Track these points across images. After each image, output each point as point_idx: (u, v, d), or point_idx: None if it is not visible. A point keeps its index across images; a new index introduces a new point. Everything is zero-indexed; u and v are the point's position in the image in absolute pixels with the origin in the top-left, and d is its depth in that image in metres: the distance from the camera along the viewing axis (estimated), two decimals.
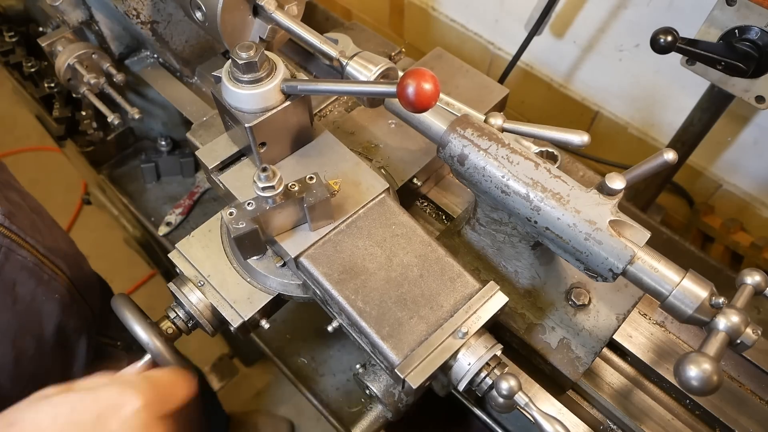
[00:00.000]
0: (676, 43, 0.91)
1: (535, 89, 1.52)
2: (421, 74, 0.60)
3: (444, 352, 0.65)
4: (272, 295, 0.79)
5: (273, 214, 0.70)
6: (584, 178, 0.97)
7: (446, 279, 0.70)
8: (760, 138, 1.20)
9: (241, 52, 0.68)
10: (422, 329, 0.67)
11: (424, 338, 0.66)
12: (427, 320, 0.67)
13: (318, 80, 0.69)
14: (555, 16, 1.32)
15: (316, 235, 0.73)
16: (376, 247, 0.72)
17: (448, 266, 0.71)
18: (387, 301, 0.69)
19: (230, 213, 0.69)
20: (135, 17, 0.98)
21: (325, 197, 0.69)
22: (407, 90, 0.60)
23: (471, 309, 0.67)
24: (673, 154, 0.64)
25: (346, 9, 1.85)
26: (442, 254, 0.72)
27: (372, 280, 0.70)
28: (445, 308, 0.68)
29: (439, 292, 0.69)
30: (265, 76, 0.71)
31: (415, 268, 0.71)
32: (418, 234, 0.73)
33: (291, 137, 0.79)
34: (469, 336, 0.66)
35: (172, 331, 0.81)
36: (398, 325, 0.67)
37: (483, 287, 0.69)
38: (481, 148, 0.68)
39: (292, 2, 0.87)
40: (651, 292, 0.63)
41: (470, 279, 0.70)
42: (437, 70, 1.05)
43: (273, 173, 0.66)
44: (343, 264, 0.71)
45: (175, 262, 0.82)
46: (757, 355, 0.80)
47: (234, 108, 0.73)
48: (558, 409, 0.79)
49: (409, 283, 0.70)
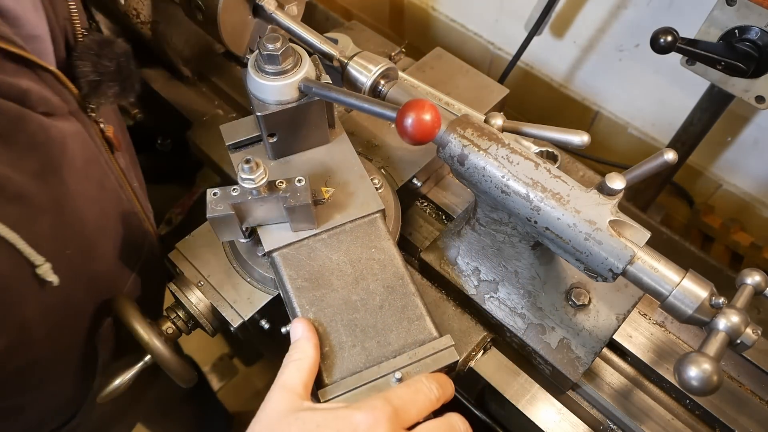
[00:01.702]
0: (676, 43, 0.91)
1: (535, 89, 1.52)
2: (420, 105, 0.58)
3: (371, 390, 0.63)
4: (272, 295, 0.79)
5: (254, 206, 0.70)
6: (584, 178, 0.97)
7: (404, 318, 0.68)
8: (760, 138, 1.20)
9: (267, 43, 0.68)
10: (360, 360, 0.65)
11: (359, 370, 0.64)
12: (369, 353, 0.65)
13: (332, 87, 0.69)
14: (555, 16, 1.32)
15: (295, 236, 0.72)
16: (348, 265, 0.71)
17: (411, 305, 0.69)
18: (337, 322, 0.67)
19: (214, 194, 0.69)
20: (135, 17, 0.98)
21: (306, 203, 0.68)
22: (405, 121, 0.58)
23: (416, 356, 0.65)
24: (673, 154, 0.64)
25: (346, 9, 1.85)
26: (411, 291, 0.69)
27: (331, 296, 0.69)
28: (392, 347, 0.66)
29: (392, 329, 0.67)
30: (287, 71, 0.70)
31: (378, 297, 0.69)
32: (395, 264, 0.71)
33: (304, 135, 0.78)
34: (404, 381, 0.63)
35: (172, 331, 0.81)
36: (339, 348, 0.66)
37: (438, 338, 0.67)
38: (481, 148, 0.68)
39: (292, 2, 0.87)
40: (651, 292, 0.63)
41: (429, 325, 0.67)
42: (437, 70, 1.05)
43: (256, 166, 0.66)
44: (311, 272, 0.70)
45: (175, 262, 0.82)
46: (757, 355, 0.80)
47: (252, 94, 0.72)
48: (558, 409, 0.79)
49: (367, 310, 0.68)
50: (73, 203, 0.69)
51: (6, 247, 0.58)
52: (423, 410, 0.60)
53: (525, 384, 0.81)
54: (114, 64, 0.70)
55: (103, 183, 0.77)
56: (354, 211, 0.74)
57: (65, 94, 0.66)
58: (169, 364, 0.77)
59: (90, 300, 0.79)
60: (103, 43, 0.70)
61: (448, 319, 0.81)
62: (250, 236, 0.76)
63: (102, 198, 0.76)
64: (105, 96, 0.71)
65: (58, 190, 0.65)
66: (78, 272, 0.73)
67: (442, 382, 0.63)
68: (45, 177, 0.62)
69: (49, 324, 0.71)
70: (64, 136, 0.65)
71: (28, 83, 0.59)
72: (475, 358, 0.81)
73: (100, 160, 0.75)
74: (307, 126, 0.77)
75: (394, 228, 0.81)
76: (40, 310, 0.67)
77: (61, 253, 0.67)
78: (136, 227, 0.86)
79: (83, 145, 0.71)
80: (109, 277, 0.82)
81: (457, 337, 0.80)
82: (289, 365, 0.62)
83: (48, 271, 0.62)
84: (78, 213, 0.71)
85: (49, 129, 0.62)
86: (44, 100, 0.61)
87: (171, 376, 0.79)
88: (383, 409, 0.56)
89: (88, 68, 0.69)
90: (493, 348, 0.83)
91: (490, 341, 0.82)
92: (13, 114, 0.57)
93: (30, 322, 0.67)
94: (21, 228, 0.58)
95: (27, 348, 0.69)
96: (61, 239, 0.67)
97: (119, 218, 0.81)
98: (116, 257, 0.82)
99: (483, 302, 0.81)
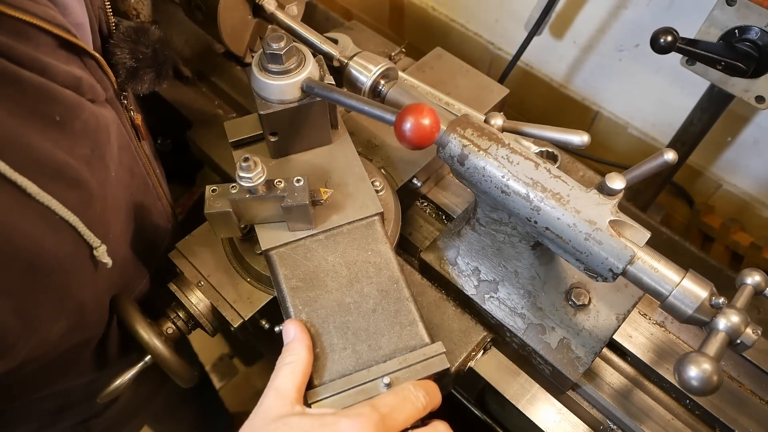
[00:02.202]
0: (676, 43, 0.91)
1: (535, 89, 1.52)
2: (419, 110, 0.57)
3: (360, 394, 0.63)
4: (272, 295, 0.79)
5: (252, 204, 0.70)
6: (584, 178, 0.97)
7: (397, 322, 0.67)
8: (760, 138, 1.20)
9: (271, 42, 0.68)
10: (350, 363, 0.65)
11: (348, 373, 0.64)
12: (359, 356, 0.65)
13: (334, 88, 0.69)
14: (555, 16, 1.32)
15: (292, 235, 0.72)
16: (343, 267, 0.71)
17: (405, 310, 0.68)
18: (330, 324, 0.67)
19: (212, 190, 0.69)
20: (135, 17, 0.98)
21: (303, 203, 0.68)
22: (404, 126, 0.58)
23: (407, 362, 0.64)
24: (673, 154, 0.64)
25: (346, 9, 1.85)
26: (405, 296, 0.69)
27: (325, 297, 0.69)
28: (383, 351, 0.65)
29: (384, 333, 0.67)
30: (290, 70, 0.70)
31: (372, 301, 0.69)
32: (391, 268, 0.71)
33: (306, 135, 0.78)
34: (392, 388, 0.63)
35: (172, 331, 0.81)
36: (330, 350, 0.65)
37: (430, 344, 0.66)
38: (481, 148, 0.68)
39: (292, 2, 0.87)
40: (651, 292, 0.63)
41: (421, 331, 0.67)
42: (437, 70, 1.05)
43: (254, 164, 0.66)
44: (306, 272, 0.70)
45: (175, 262, 0.82)
46: (757, 355, 0.80)
47: (255, 92, 0.73)
48: (558, 409, 0.79)
49: (360, 313, 0.68)
50: (114, 189, 0.70)
51: (68, 230, 0.60)
52: (409, 418, 0.59)
53: (525, 384, 0.81)
54: (151, 50, 0.72)
55: (133, 169, 0.78)
56: (352, 213, 0.74)
57: (105, 81, 0.67)
58: (169, 364, 0.77)
59: (122, 285, 0.80)
60: (140, 31, 0.72)
61: (448, 319, 0.81)
62: (249, 234, 0.76)
63: (132, 184, 0.78)
64: (142, 82, 0.73)
65: (104, 175, 0.67)
66: (116, 257, 0.74)
67: (430, 390, 0.63)
68: (94, 163, 0.64)
69: (101, 307, 0.74)
70: (108, 123, 0.67)
71: (79, 71, 0.60)
72: (475, 358, 0.81)
73: (131, 146, 0.77)
74: (309, 126, 0.77)
75: (393, 230, 0.81)
76: (94, 293, 0.70)
77: (107, 237, 0.68)
78: (161, 212, 0.88)
79: (118, 131, 0.72)
80: (136, 262, 0.83)
81: (457, 337, 0.80)
82: (282, 368, 0.62)
83: (104, 253, 0.65)
84: (117, 199, 0.72)
85: (98, 116, 0.64)
86: (91, 87, 0.63)
87: (171, 376, 0.79)
88: (370, 417, 0.57)
89: (126, 55, 0.70)
90: (493, 348, 0.83)
91: (490, 341, 0.82)
92: (71, 102, 0.59)
93: (87, 305, 0.69)
94: (80, 212, 0.60)
95: (83, 331, 0.72)
96: (107, 224, 0.70)
97: (147, 204, 0.83)
98: (144, 241, 0.84)
99: (483, 302, 0.81)
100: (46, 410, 0.85)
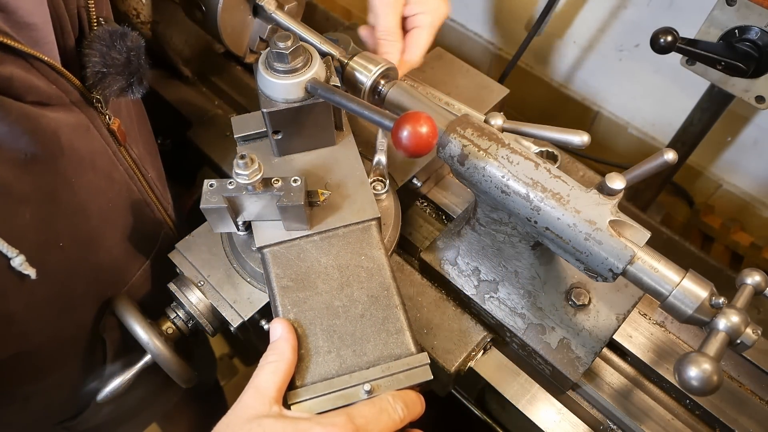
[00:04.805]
0: (676, 43, 0.91)
1: (535, 89, 1.52)
2: (416, 118, 0.56)
3: (339, 399, 0.63)
4: None
5: (249, 201, 0.70)
6: (584, 178, 0.97)
7: (384, 330, 0.67)
8: (760, 138, 1.20)
9: (278, 41, 0.68)
10: (333, 367, 0.65)
11: (330, 377, 0.64)
12: (343, 361, 0.65)
13: (337, 90, 0.69)
14: (555, 16, 1.32)
15: (287, 234, 0.72)
16: (336, 269, 0.71)
17: (393, 318, 0.68)
18: (316, 326, 0.67)
19: (210, 185, 0.70)
20: (135, 17, 0.98)
21: (299, 204, 0.68)
22: (401, 133, 0.57)
23: (389, 370, 0.64)
24: (673, 154, 0.64)
25: (346, 9, 1.85)
26: (395, 304, 0.69)
27: (314, 299, 0.69)
28: (367, 357, 0.65)
29: (369, 340, 0.66)
30: (295, 70, 0.70)
31: (361, 306, 0.68)
32: (383, 275, 0.71)
33: (309, 134, 0.78)
34: (372, 395, 0.63)
35: (172, 331, 0.81)
36: (314, 353, 0.65)
37: (414, 354, 0.66)
38: (481, 148, 0.68)
39: (292, 2, 0.87)
40: (651, 292, 0.63)
41: (408, 340, 0.67)
42: (437, 70, 1.05)
43: (250, 162, 0.66)
44: (298, 273, 0.70)
45: (175, 262, 0.82)
46: (757, 355, 0.80)
47: (260, 89, 0.73)
48: (558, 409, 0.79)
49: (347, 318, 0.68)
50: (71, 194, 0.68)
51: None
52: (385, 430, 0.59)
53: (525, 384, 0.81)
54: (123, 57, 0.68)
55: (112, 174, 0.76)
56: (349, 216, 0.74)
57: (63, 83, 0.64)
58: (168, 364, 0.78)
59: (92, 292, 0.79)
60: (116, 35, 0.68)
61: (448, 319, 0.81)
62: (247, 230, 0.76)
63: (110, 189, 0.76)
64: (110, 89, 0.69)
65: (48, 180, 0.64)
66: (76, 264, 0.72)
67: (409, 402, 0.62)
68: (29, 166, 0.61)
69: (40, 317, 0.71)
70: (58, 127, 0.64)
71: (12, 70, 0.57)
72: (475, 358, 0.81)
73: (108, 151, 0.75)
74: (313, 126, 0.77)
75: (392, 235, 0.81)
76: (24, 303, 0.66)
77: (50, 245, 0.66)
78: (148, 218, 0.86)
79: (87, 136, 0.70)
80: (115, 269, 0.82)
81: (457, 337, 0.80)
82: (265, 367, 0.62)
83: (23, 263, 0.61)
84: (80, 204, 0.70)
85: (39, 119, 0.61)
86: (34, 89, 0.60)
87: (171, 376, 0.79)
88: (344, 427, 0.56)
89: (96, 58, 0.67)
90: (493, 348, 0.83)
91: (490, 341, 0.82)
92: None
93: (15, 315, 0.66)
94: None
95: (16, 340, 0.69)
96: (51, 231, 0.67)
97: (129, 209, 0.81)
98: (124, 249, 0.82)
99: (483, 302, 0.81)
100: (29, 412, 0.84)
